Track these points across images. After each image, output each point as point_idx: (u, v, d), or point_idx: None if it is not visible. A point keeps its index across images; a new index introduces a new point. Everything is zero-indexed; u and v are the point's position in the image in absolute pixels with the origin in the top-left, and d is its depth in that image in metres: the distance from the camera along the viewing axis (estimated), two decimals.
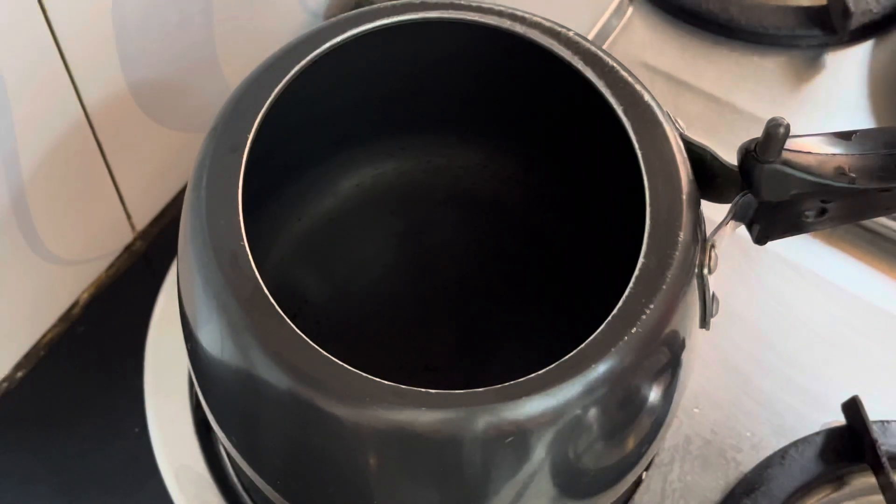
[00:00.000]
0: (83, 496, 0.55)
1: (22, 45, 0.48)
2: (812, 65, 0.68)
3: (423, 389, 0.37)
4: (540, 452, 0.38)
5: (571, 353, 0.38)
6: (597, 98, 0.44)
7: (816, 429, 0.55)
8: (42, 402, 0.57)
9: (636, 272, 0.40)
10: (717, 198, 0.44)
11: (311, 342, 0.38)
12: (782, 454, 0.54)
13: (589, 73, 0.44)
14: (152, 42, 0.55)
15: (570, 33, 0.45)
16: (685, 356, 0.42)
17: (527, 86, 0.50)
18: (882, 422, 0.54)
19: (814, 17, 0.69)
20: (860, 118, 0.66)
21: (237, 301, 0.39)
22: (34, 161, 0.51)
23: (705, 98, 0.67)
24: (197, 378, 0.43)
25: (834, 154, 0.42)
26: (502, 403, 0.37)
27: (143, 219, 0.62)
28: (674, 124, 0.44)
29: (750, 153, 0.42)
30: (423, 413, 0.37)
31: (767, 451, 0.54)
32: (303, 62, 0.44)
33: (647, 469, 0.54)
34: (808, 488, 0.53)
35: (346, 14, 0.46)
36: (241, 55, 0.61)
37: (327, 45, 0.45)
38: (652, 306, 0.39)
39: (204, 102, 0.58)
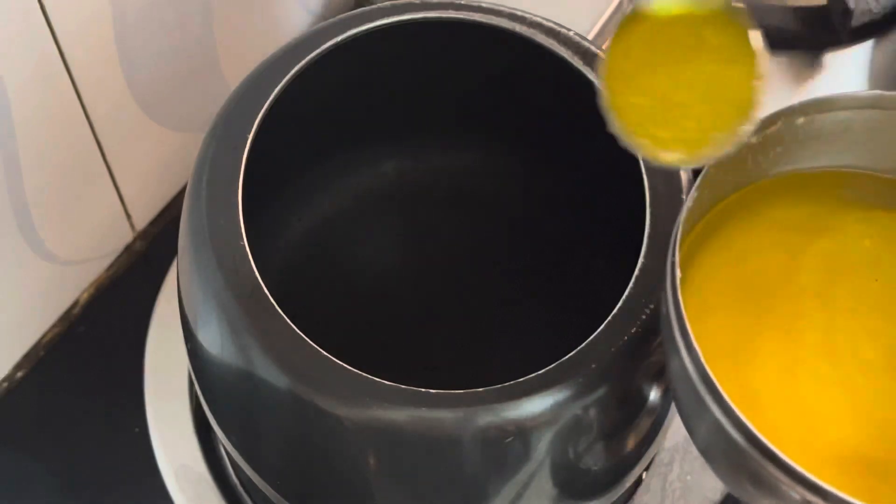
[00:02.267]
0: (83, 496, 0.55)
1: (22, 46, 0.48)
2: (812, 65, 0.68)
3: (423, 389, 0.37)
4: (540, 452, 0.39)
5: (571, 353, 0.38)
6: (597, 98, 0.44)
7: None
8: (42, 402, 0.57)
9: (636, 272, 0.40)
10: None
11: (311, 342, 0.38)
12: None
13: (589, 73, 0.44)
14: (152, 42, 0.55)
15: (570, 33, 0.46)
16: None
17: (527, 86, 0.50)
18: None
19: (814, 17, 0.68)
20: None
21: (237, 301, 0.39)
22: (34, 161, 0.51)
23: None
24: (197, 378, 0.44)
25: None
26: (502, 403, 0.37)
27: (143, 219, 0.62)
28: None
29: None
30: (423, 413, 0.37)
31: None
32: (303, 62, 0.44)
33: (647, 469, 0.54)
34: None
35: (346, 14, 0.46)
36: (241, 55, 0.61)
37: (327, 45, 0.45)
38: (652, 306, 0.39)
39: (204, 102, 0.58)
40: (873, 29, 0.69)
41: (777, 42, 0.69)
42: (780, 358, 0.36)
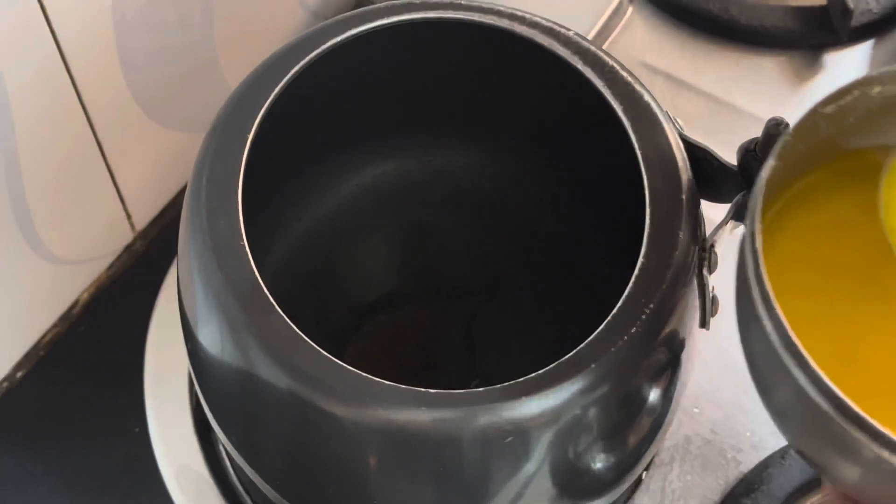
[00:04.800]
0: (83, 496, 0.55)
1: (23, 46, 0.48)
2: (812, 65, 0.68)
3: (423, 389, 0.37)
4: (540, 452, 0.39)
5: (571, 353, 0.38)
6: (597, 98, 0.44)
7: None
8: (42, 401, 0.57)
9: (636, 272, 0.40)
10: (717, 198, 0.44)
11: (311, 342, 0.38)
12: (782, 454, 0.54)
13: (589, 73, 0.44)
14: (152, 42, 0.55)
15: (570, 33, 0.45)
16: (685, 356, 0.42)
17: (527, 86, 0.50)
18: None
19: (814, 17, 0.69)
20: None
21: (237, 301, 0.39)
22: (34, 161, 0.51)
23: (705, 98, 0.67)
24: (197, 378, 0.44)
25: None
26: (502, 403, 0.37)
27: (143, 219, 0.62)
28: (674, 124, 0.44)
29: (749, 153, 0.42)
30: (423, 413, 0.37)
31: (767, 451, 0.54)
32: (303, 62, 0.44)
33: (647, 469, 0.54)
34: (808, 488, 0.53)
35: (346, 14, 0.46)
36: (241, 55, 0.61)
37: (327, 45, 0.45)
38: (652, 306, 0.39)
39: (204, 102, 0.58)
40: (873, 29, 0.69)
41: (777, 42, 0.69)
42: (884, 327, 0.36)
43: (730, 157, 0.43)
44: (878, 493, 0.34)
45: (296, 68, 0.44)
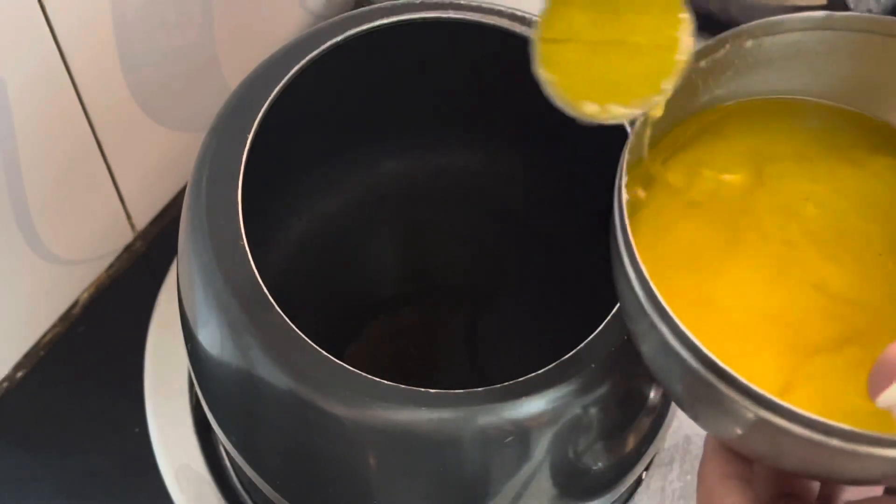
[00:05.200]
0: (83, 496, 0.55)
1: (23, 46, 0.48)
2: None
3: (423, 389, 0.37)
4: (540, 452, 0.39)
5: (571, 353, 0.38)
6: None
7: None
8: (42, 401, 0.57)
9: None
10: None
11: (311, 342, 0.38)
12: None
13: None
14: (152, 42, 0.55)
15: None
16: None
17: (527, 86, 0.50)
18: None
19: None
20: None
21: (237, 301, 0.39)
22: (34, 161, 0.51)
23: None
24: (197, 378, 0.44)
25: None
26: (502, 403, 0.37)
27: (143, 219, 0.62)
28: None
29: None
30: (423, 413, 0.37)
31: None
32: (303, 62, 0.44)
33: (647, 469, 0.54)
34: None
35: (346, 14, 0.46)
36: (241, 55, 0.61)
37: (327, 44, 0.45)
38: None
39: (204, 102, 0.58)
40: None
41: None
42: (736, 273, 0.36)
43: None
44: (744, 440, 0.33)
45: (296, 68, 0.44)
